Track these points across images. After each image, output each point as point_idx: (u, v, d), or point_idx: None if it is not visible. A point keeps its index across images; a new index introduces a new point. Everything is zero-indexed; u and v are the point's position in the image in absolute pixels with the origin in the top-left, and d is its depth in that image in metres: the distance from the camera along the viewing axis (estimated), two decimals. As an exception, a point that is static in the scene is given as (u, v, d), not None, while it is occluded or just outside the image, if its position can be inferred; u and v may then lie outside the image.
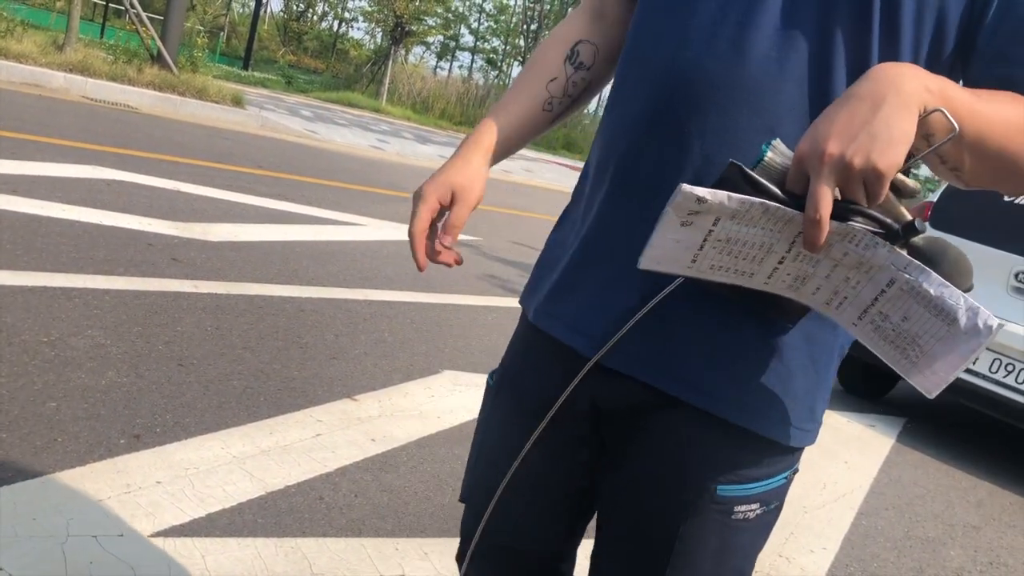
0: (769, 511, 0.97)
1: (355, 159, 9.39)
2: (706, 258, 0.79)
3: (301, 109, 13.55)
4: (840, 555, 2.71)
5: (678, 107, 0.89)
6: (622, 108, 0.97)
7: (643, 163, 0.93)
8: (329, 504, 2.23)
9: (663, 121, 0.91)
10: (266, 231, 4.94)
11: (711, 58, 0.88)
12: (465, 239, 6.25)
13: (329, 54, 28.84)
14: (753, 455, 0.94)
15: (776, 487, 0.97)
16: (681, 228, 0.76)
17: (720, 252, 0.78)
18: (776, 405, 0.92)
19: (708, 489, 0.93)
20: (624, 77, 0.99)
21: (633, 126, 0.94)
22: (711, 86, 0.87)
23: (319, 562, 1.97)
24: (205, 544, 1.92)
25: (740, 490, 0.93)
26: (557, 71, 1.12)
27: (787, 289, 0.82)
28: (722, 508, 0.93)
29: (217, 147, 7.72)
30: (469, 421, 2.96)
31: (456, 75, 26.05)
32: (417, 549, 2.12)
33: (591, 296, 0.96)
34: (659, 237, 0.77)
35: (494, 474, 1.04)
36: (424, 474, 2.51)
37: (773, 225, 0.76)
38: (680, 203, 0.74)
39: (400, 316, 3.98)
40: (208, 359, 2.93)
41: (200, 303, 3.45)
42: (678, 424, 0.94)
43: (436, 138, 15.02)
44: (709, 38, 0.88)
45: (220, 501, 2.10)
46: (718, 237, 0.77)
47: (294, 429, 2.58)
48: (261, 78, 18.74)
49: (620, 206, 0.95)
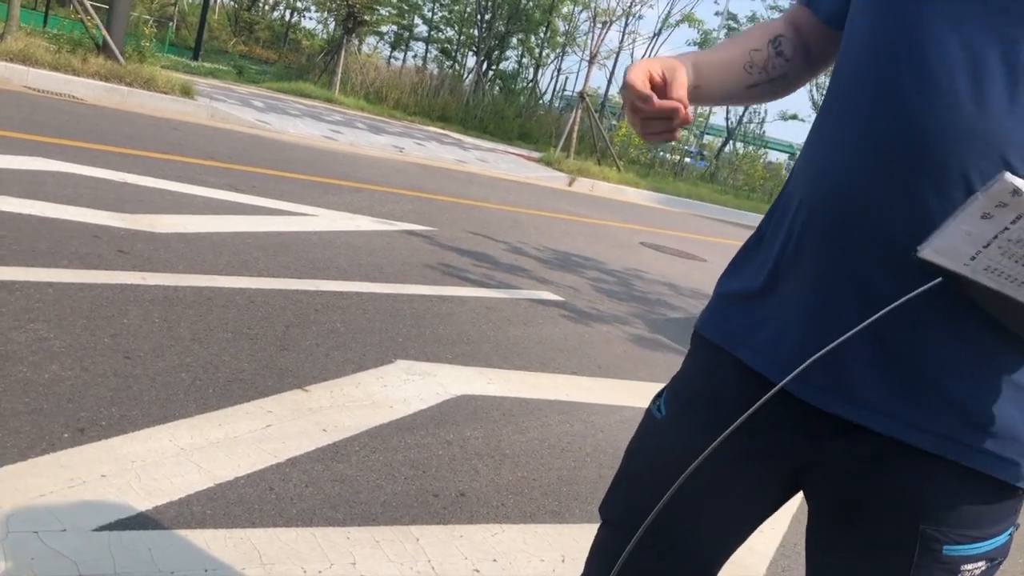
0: (993, 566, 0.95)
1: (308, 149, 9.30)
2: (986, 258, 0.77)
3: (253, 99, 13.36)
4: (788, 534, 2.76)
5: (909, 162, 0.87)
6: (839, 154, 0.94)
7: (868, 220, 0.90)
8: (279, 495, 2.21)
9: (889, 177, 0.88)
10: (216, 222, 4.87)
11: (948, 111, 0.86)
12: (420, 229, 6.23)
13: (281, 44, 28.46)
14: (986, 508, 0.92)
15: (1002, 544, 0.95)
16: (980, 219, 0.74)
17: (1003, 254, 0.76)
18: (1011, 445, 0.90)
19: (935, 550, 0.91)
20: (838, 121, 0.96)
21: (853, 174, 0.92)
22: (949, 141, 0.85)
23: (269, 552, 1.96)
24: (151, 537, 1.90)
25: (968, 549, 0.92)
26: (761, 45, 1.13)
27: None
28: (948, 568, 0.92)
29: (166, 138, 7.60)
30: (423, 410, 2.95)
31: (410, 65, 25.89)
32: (369, 538, 2.12)
33: (813, 346, 0.93)
34: (956, 224, 0.75)
35: (677, 507, 1.00)
36: (376, 463, 2.51)
37: None
38: (995, 191, 0.72)
39: (353, 306, 3.96)
40: (156, 351, 2.88)
41: (148, 295, 3.40)
42: (908, 476, 0.92)
43: (390, 128, 14.92)
44: (944, 90, 0.86)
45: (167, 494, 2.08)
46: (1009, 237, 0.75)
47: (244, 420, 2.56)
48: (212, 68, 18.43)
49: (843, 260, 0.93)
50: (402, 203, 7.24)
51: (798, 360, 0.96)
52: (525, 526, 2.39)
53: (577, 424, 3.23)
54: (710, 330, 1.09)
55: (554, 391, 3.53)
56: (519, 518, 2.43)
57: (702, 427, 1.05)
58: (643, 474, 1.10)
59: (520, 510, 2.48)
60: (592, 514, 2.55)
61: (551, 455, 2.89)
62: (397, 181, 8.54)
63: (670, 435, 1.08)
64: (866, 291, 0.91)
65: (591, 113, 16.65)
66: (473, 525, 2.32)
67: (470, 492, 2.49)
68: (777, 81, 1.14)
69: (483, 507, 2.43)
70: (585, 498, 2.64)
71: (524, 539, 2.32)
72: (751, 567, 2.49)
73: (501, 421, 3.07)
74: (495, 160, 13.96)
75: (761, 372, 1.00)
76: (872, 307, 0.89)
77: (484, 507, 2.43)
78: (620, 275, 6.72)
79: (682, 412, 1.08)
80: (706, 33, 24.30)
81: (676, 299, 6.38)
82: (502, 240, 6.74)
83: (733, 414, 1.02)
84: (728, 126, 25.49)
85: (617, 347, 4.53)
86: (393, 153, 11.29)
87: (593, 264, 6.85)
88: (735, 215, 16.00)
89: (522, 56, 27.04)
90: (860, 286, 0.91)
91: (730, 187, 21.23)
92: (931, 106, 0.86)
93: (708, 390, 1.07)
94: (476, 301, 4.65)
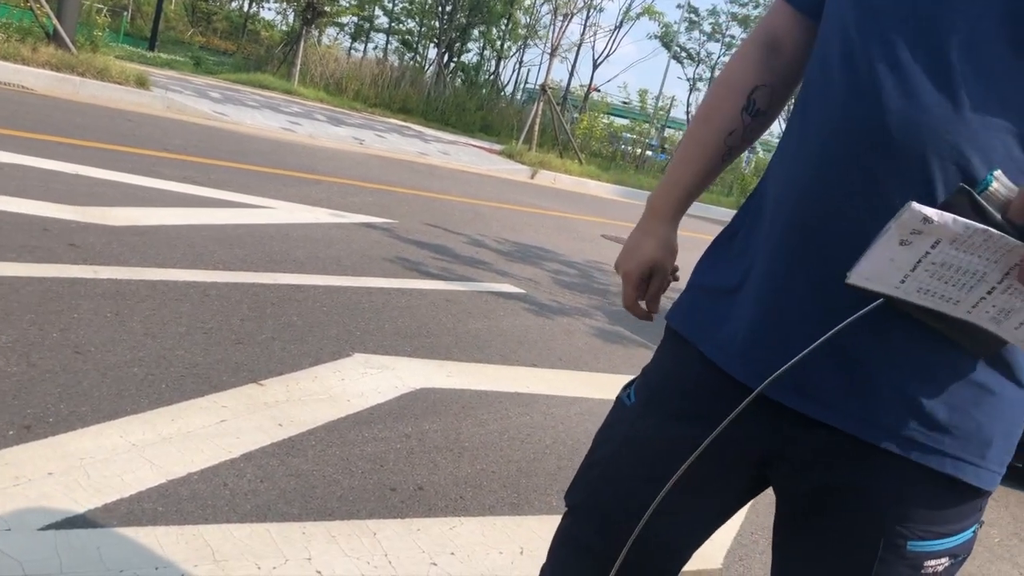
0: (956, 563, 0.96)
1: (266, 141, 9.19)
2: (916, 280, 0.78)
3: (210, 91, 13.16)
4: (745, 523, 2.78)
5: (879, 160, 0.88)
6: (812, 154, 0.95)
7: (838, 215, 0.91)
8: (233, 490, 2.18)
9: (863, 173, 0.89)
10: (171, 215, 4.79)
11: (916, 112, 0.86)
12: (379, 221, 6.18)
13: (239, 35, 28.09)
14: (949, 506, 0.93)
15: (965, 540, 0.96)
16: (899, 247, 0.76)
17: (931, 276, 0.77)
18: (974, 448, 0.91)
19: (898, 545, 0.92)
20: (811, 121, 0.96)
21: (826, 173, 0.92)
22: (916, 141, 0.86)
23: (222, 549, 1.92)
24: (100, 535, 1.86)
25: (932, 545, 0.93)
26: (734, 124, 1.12)
27: (989, 321, 0.80)
28: (912, 563, 0.93)
29: (120, 129, 7.46)
30: (381, 404, 2.93)
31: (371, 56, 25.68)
32: (325, 533, 2.10)
33: (780, 344, 0.95)
34: (875, 253, 0.77)
35: (644, 492, 1.03)
36: (332, 457, 2.48)
37: (991, 254, 0.75)
38: (905, 220, 0.73)
39: (310, 299, 3.91)
40: (107, 346, 2.83)
41: (99, 289, 3.33)
42: (874, 476, 0.92)
43: (350, 120, 14.79)
44: (912, 91, 0.86)
45: (117, 491, 2.03)
46: (933, 260, 0.76)
47: (197, 415, 2.51)
48: (168, 59, 18.14)
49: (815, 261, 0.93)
50: (362, 195, 7.18)
51: (759, 356, 0.97)
52: (483, 519, 2.38)
53: (537, 416, 3.22)
54: (677, 322, 1.10)
55: (514, 383, 3.53)
56: (477, 511, 2.42)
57: (668, 417, 1.06)
58: (610, 461, 1.11)
59: (479, 503, 2.46)
60: (551, 506, 2.55)
61: (510, 447, 2.88)
62: (357, 173, 8.47)
63: (637, 423, 1.09)
64: (831, 289, 0.91)
65: (553, 106, 16.66)
66: (431, 518, 2.30)
67: (428, 486, 2.48)
68: (761, 132, 1.16)
69: (441, 500, 2.42)
70: (544, 490, 2.64)
71: (482, 532, 2.31)
72: (709, 557, 2.51)
73: (460, 414, 3.05)
74: (457, 152, 13.91)
75: (721, 367, 1.01)
76: (836, 306, 0.90)
77: (442, 500, 2.42)
78: (581, 267, 6.73)
79: (650, 400, 1.09)
80: (667, 26, 24.40)
81: (636, 291, 6.39)
82: (463, 232, 6.72)
83: (697, 405, 1.04)
84: (689, 119, 25.65)
85: (578, 339, 4.53)
86: (353, 145, 11.20)
87: (554, 256, 6.86)
88: (695, 208, 16.07)
89: (484, 48, 26.99)
90: (826, 284, 0.92)
91: (691, 180, 21.32)
92: (900, 107, 0.87)
93: (675, 381, 1.08)
94: (436, 294, 4.62)
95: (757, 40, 1.13)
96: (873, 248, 0.77)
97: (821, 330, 0.89)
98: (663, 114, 26.56)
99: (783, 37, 1.11)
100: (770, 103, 1.12)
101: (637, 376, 1.15)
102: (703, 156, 1.14)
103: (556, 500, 2.59)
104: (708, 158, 1.14)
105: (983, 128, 0.85)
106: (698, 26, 25.11)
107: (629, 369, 4.16)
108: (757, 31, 1.14)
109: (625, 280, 1.20)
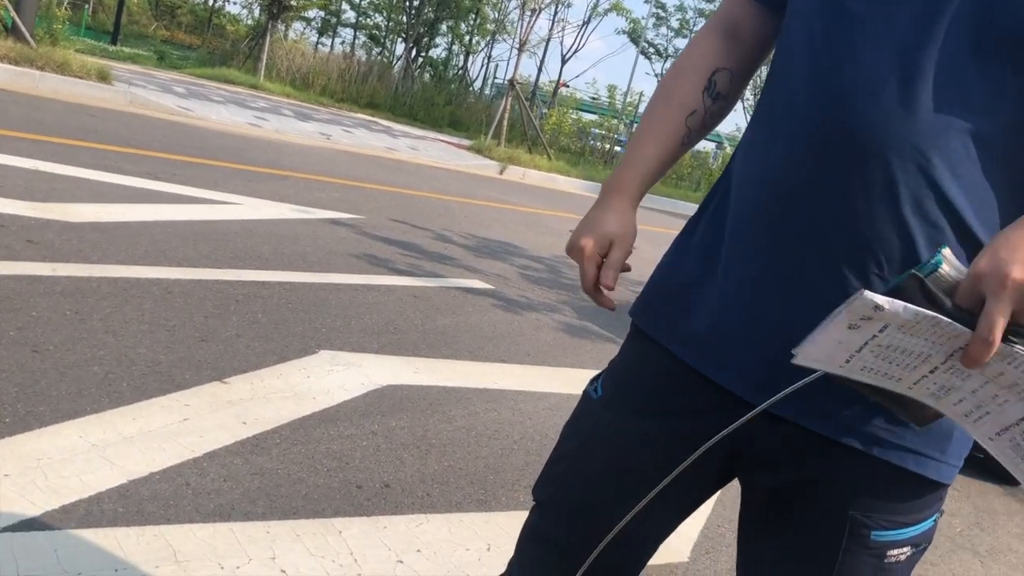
0: (918, 552, 0.98)
1: (231, 136, 9.08)
2: (860, 360, 0.78)
3: (174, 86, 12.99)
4: (712, 516, 2.79)
5: (841, 158, 0.88)
6: (776, 149, 0.95)
7: (801, 210, 0.91)
8: (196, 490, 2.15)
9: (828, 174, 0.89)
10: (134, 211, 4.72)
11: (882, 113, 0.86)
12: (346, 217, 6.13)
13: (204, 29, 27.74)
14: (911, 497, 0.95)
15: (927, 530, 0.98)
16: (847, 330, 0.76)
17: (876, 357, 0.78)
18: (934, 443, 0.93)
19: (863, 535, 0.93)
20: (776, 118, 0.96)
21: (789, 169, 0.92)
22: (881, 141, 0.86)
23: (184, 549, 1.89)
24: (58, 537, 1.82)
25: (894, 535, 0.94)
26: (696, 104, 1.10)
27: (928, 396, 0.81)
28: (875, 553, 0.94)
29: (81, 124, 7.33)
30: (347, 401, 2.90)
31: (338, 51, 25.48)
32: (289, 531, 2.07)
33: (743, 338, 0.96)
34: (823, 336, 0.77)
35: (610, 485, 1.05)
36: (297, 456, 2.45)
37: (937, 338, 0.75)
38: (856, 308, 0.73)
39: (275, 296, 3.87)
40: (66, 344, 2.77)
41: (58, 286, 3.27)
42: (837, 470, 0.94)
43: (317, 115, 14.67)
44: (875, 91, 0.87)
45: (76, 492, 2.00)
46: (880, 343, 0.76)
47: (159, 414, 2.48)
48: (131, 53, 17.86)
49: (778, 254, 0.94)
50: (328, 191, 7.12)
51: (722, 349, 0.98)
52: (450, 515, 2.37)
53: (505, 412, 3.21)
54: (640, 317, 1.10)
55: (482, 379, 3.51)
56: (444, 508, 2.40)
57: (633, 411, 1.06)
58: (576, 455, 1.11)
59: (446, 500, 2.45)
60: (518, 502, 2.54)
61: (478, 444, 2.87)
62: (324, 169, 8.40)
63: (603, 417, 1.09)
64: (793, 283, 0.92)
65: (521, 101, 16.64)
66: (397, 516, 2.29)
67: (395, 483, 2.46)
68: (720, 118, 1.15)
69: (408, 498, 2.40)
70: (511, 486, 2.63)
71: (449, 529, 2.29)
72: (676, 550, 2.51)
73: (428, 411, 3.03)
74: (425, 148, 13.85)
75: (685, 361, 1.01)
76: (798, 298, 0.91)
77: (409, 498, 2.40)
78: (550, 263, 6.73)
79: (616, 395, 1.09)
80: (635, 22, 24.47)
81: (605, 286, 6.40)
82: (431, 228, 6.69)
83: (663, 400, 1.04)
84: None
85: (546, 335, 4.53)
86: (320, 140, 11.11)
87: (523, 252, 6.85)
88: (664, 203, 16.18)
89: (452, 43, 26.90)
90: (787, 278, 0.93)
91: (659, 175, 21.41)
92: (862, 106, 0.87)
93: (640, 375, 1.08)
94: (403, 290, 4.60)
95: (716, 27, 1.13)
96: (821, 331, 0.77)
97: (784, 322, 0.91)
98: (632, 110, 26.63)
99: (742, 25, 1.11)
100: (729, 88, 1.12)
101: (604, 370, 1.14)
102: (663, 135, 1.11)
103: (524, 496, 2.58)
104: (668, 137, 1.11)
105: (944, 129, 0.85)
106: (666, 22, 25.22)
107: (597, 364, 4.17)
108: (715, 19, 1.14)
109: (581, 256, 1.09)
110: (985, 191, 0.87)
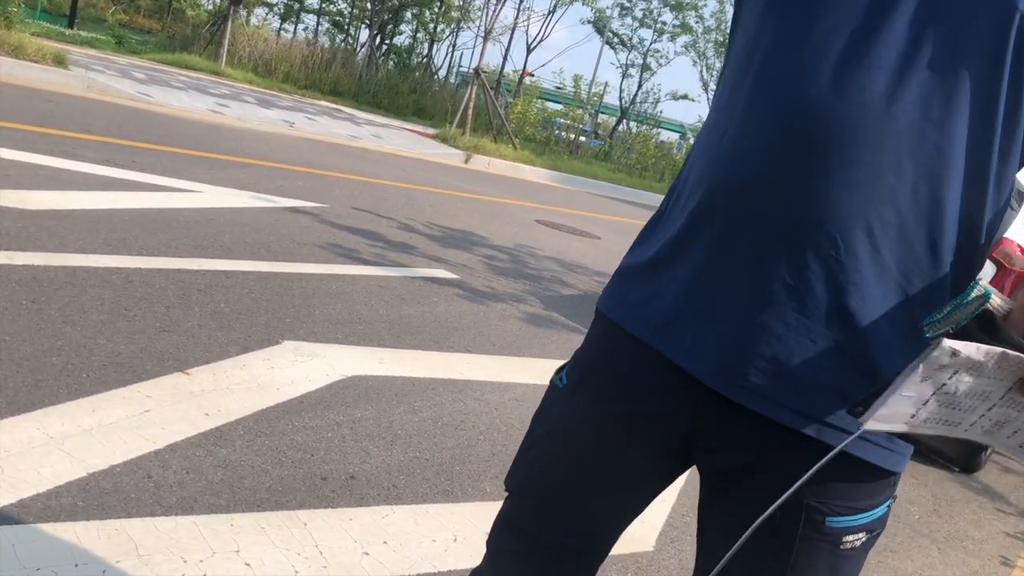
0: (872, 537, 1.00)
1: (192, 123, 8.95)
2: (926, 411, 0.76)
3: (133, 71, 12.75)
4: (677, 505, 2.81)
5: (801, 144, 0.89)
6: (734, 138, 0.96)
7: (765, 199, 0.92)
8: (158, 482, 2.12)
9: (786, 157, 0.90)
10: (92, 199, 4.63)
11: (836, 97, 0.87)
12: (310, 206, 6.08)
13: (164, 14, 27.25)
14: (865, 485, 0.96)
15: (880, 516, 0.99)
16: (920, 384, 0.73)
17: (941, 405, 0.75)
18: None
19: (818, 521, 0.95)
20: (735, 103, 0.97)
21: (752, 158, 0.93)
22: (835, 125, 0.87)
23: (146, 543, 1.87)
24: (16, 532, 1.79)
25: (849, 521, 0.96)
26: None
27: (982, 434, 0.79)
28: (831, 539, 0.96)
29: (37, 109, 7.18)
30: (311, 392, 2.88)
31: (301, 38, 25.17)
32: (253, 524, 2.05)
33: (702, 321, 0.96)
34: (897, 394, 0.74)
35: (576, 473, 1.06)
36: (261, 447, 2.43)
37: (1000, 372, 0.73)
38: (934, 358, 0.71)
39: (238, 286, 3.83)
40: (23, 335, 2.72)
41: (14, 276, 3.20)
42: (793, 457, 0.94)
43: (280, 102, 14.49)
44: (832, 76, 0.88)
45: (34, 485, 1.96)
46: (947, 390, 0.74)
47: (120, 406, 2.44)
48: (88, 38, 17.48)
49: (739, 238, 0.94)
50: (292, 179, 7.05)
51: (685, 330, 0.98)
52: (416, 507, 2.36)
53: (471, 402, 3.21)
54: (606, 304, 1.11)
55: (447, 370, 3.51)
56: (410, 499, 2.40)
57: (598, 398, 1.07)
58: (544, 444, 1.11)
59: (411, 491, 2.44)
60: (485, 493, 2.54)
61: (443, 434, 2.86)
62: (287, 157, 8.31)
63: (569, 405, 1.10)
64: (751, 266, 0.93)
65: (487, 90, 16.58)
66: (363, 508, 2.28)
67: (360, 474, 2.45)
68: None
69: (373, 489, 2.39)
70: (477, 476, 2.63)
71: (415, 520, 2.29)
72: (641, 539, 2.53)
73: (393, 401, 3.02)
74: (389, 136, 13.76)
75: (649, 343, 1.02)
76: (762, 280, 0.92)
77: (374, 489, 2.39)
78: (515, 253, 6.72)
79: (581, 383, 1.10)
80: (600, 12, 24.47)
81: (570, 276, 6.43)
82: (395, 217, 6.65)
83: (628, 385, 1.04)
84: (622, 106, 25.78)
85: (511, 324, 4.53)
86: (283, 128, 10.98)
87: (488, 242, 6.84)
88: (628, 193, 16.24)
89: (416, 31, 26.69)
90: (746, 260, 0.94)
91: (624, 165, 21.50)
92: (824, 95, 0.88)
93: (604, 362, 1.09)
94: (368, 280, 4.57)
95: None
96: (895, 388, 0.75)
97: (743, 305, 0.93)
98: (596, 100, 26.65)
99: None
100: None
101: (569, 360, 1.14)
102: None
103: (490, 487, 2.58)
104: None
105: (907, 125, 0.86)
106: (630, 12, 25.24)
107: (563, 354, 4.18)
108: None
109: None
110: (942, 168, 0.88)
